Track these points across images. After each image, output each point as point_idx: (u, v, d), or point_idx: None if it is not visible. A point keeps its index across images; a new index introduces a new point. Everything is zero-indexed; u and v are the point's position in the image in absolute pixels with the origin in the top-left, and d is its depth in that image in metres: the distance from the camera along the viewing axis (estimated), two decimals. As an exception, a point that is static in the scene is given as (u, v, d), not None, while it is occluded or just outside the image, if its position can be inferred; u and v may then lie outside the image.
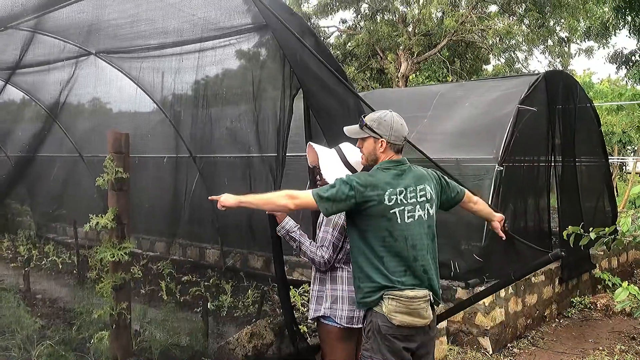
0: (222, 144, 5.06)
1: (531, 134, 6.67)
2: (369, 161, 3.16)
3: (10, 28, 3.63)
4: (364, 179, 2.98)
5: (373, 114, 3.15)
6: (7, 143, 7.24)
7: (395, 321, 2.94)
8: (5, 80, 3.86)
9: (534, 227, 6.88)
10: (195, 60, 4.26)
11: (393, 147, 3.09)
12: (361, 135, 3.13)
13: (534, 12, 18.22)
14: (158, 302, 5.70)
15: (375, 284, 2.97)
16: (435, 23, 19.39)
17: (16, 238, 8.92)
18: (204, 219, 6.91)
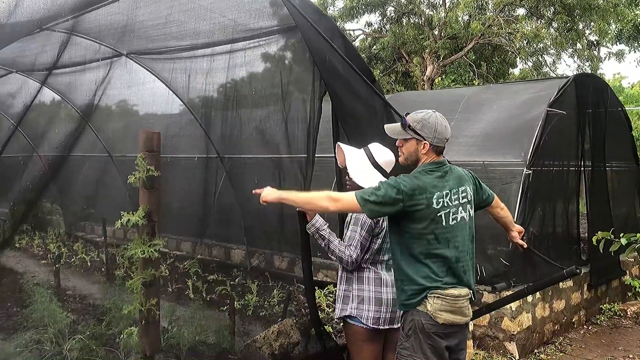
0: (251, 144, 5.11)
1: (560, 138, 6.58)
2: (408, 162, 3.12)
3: (47, 29, 3.72)
4: (411, 182, 2.93)
5: (416, 114, 3.07)
6: (40, 143, 7.43)
7: (440, 319, 2.93)
8: (42, 82, 3.96)
9: (562, 233, 6.79)
10: (225, 62, 4.31)
11: (435, 149, 3.05)
12: (403, 135, 3.08)
13: (563, 15, 17.95)
14: (185, 300, 5.77)
15: (419, 286, 2.96)
16: (462, 26, 19.22)
17: (46, 236, 9.12)
18: (230, 219, 6.98)
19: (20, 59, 4.81)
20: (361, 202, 2.86)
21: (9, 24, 2.62)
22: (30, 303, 4.41)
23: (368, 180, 3.43)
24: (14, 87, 6.02)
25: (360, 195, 2.89)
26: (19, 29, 2.76)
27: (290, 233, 4.50)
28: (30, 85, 5.16)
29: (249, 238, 6.80)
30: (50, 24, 3.06)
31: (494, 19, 18.75)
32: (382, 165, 3.48)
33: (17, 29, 2.77)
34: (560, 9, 17.93)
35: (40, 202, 7.73)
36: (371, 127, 3.98)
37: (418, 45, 20.31)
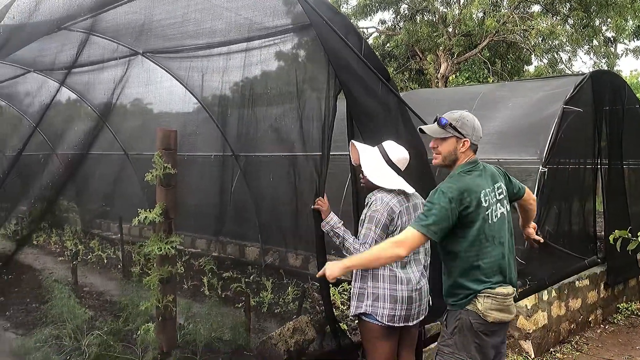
0: (266, 142, 5.14)
1: (576, 135, 6.53)
2: (447, 161, 3.09)
3: (65, 29, 3.76)
4: (456, 186, 2.92)
5: (451, 113, 3.07)
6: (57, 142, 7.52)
7: (490, 318, 2.95)
8: (61, 81, 4.02)
9: (578, 231, 6.74)
10: (241, 60, 4.34)
11: (472, 148, 3.07)
12: (442, 135, 3.05)
13: (579, 11, 17.76)
14: (200, 297, 5.82)
15: (470, 290, 2.98)
16: (476, 23, 19.08)
17: (63, 233, 9.23)
18: (244, 217, 7.02)
19: (40, 58, 4.88)
20: (424, 231, 2.83)
21: (30, 24, 2.66)
22: (49, 299, 4.49)
23: (382, 178, 3.44)
24: (32, 87, 6.10)
25: (419, 224, 2.85)
26: (39, 28, 2.80)
27: (305, 231, 4.51)
28: (49, 85, 5.23)
29: (264, 236, 6.84)
30: (68, 24, 3.10)
31: (509, 16, 18.61)
32: (396, 163, 3.49)
33: (37, 28, 2.81)
34: (577, 5, 17.74)
35: (57, 201, 7.83)
36: (386, 125, 3.98)
37: (432, 42, 20.21)
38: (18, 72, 6.03)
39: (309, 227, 3.82)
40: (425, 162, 4.26)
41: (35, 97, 5.96)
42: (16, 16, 2.57)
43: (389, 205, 3.36)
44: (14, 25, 2.60)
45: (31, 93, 6.37)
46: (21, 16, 2.61)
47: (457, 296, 3.02)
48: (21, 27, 2.66)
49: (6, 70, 5.91)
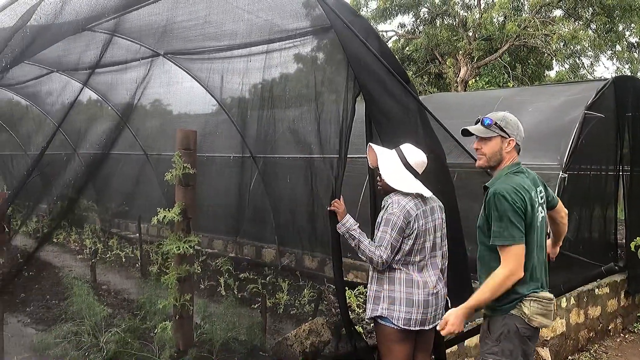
0: (284, 144, 5.16)
1: (598, 141, 6.46)
2: (491, 162, 3.06)
3: (89, 30, 3.82)
4: (512, 186, 2.87)
5: (494, 114, 3.07)
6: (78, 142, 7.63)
7: (535, 323, 2.91)
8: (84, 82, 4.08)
9: (598, 238, 6.65)
10: (262, 62, 4.36)
11: (516, 148, 3.05)
12: (486, 134, 3.03)
13: (602, 16, 17.56)
14: (217, 297, 5.85)
15: (517, 294, 2.93)
16: (497, 27, 18.96)
17: (82, 232, 9.35)
18: (261, 218, 7.05)
19: (63, 58, 4.96)
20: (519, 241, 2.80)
21: (55, 25, 2.71)
22: (68, 296, 4.55)
23: (399, 181, 3.43)
24: (55, 86, 6.20)
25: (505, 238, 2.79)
26: (63, 29, 2.85)
27: (321, 233, 4.52)
28: (71, 85, 5.32)
29: (280, 237, 6.86)
30: (92, 24, 3.14)
31: (530, 20, 18.45)
32: (413, 166, 3.48)
33: (62, 29, 2.86)
34: (600, 9, 17.54)
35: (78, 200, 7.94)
36: (404, 128, 3.97)
37: (452, 46, 20.13)
38: (42, 72, 6.13)
39: (325, 229, 3.83)
40: (444, 166, 4.24)
41: (59, 97, 6.06)
42: (42, 17, 2.62)
43: (406, 209, 3.35)
44: (39, 26, 2.66)
45: (54, 93, 6.47)
46: (47, 17, 2.66)
47: (502, 300, 2.93)
48: (47, 28, 2.71)
49: (31, 69, 6.01)
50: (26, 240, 7.13)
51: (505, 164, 3.03)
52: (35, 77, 6.52)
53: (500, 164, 3.04)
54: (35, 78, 6.54)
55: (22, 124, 9.20)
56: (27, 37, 2.54)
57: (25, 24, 2.54)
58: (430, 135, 4.12)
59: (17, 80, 6.76)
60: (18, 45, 2.59)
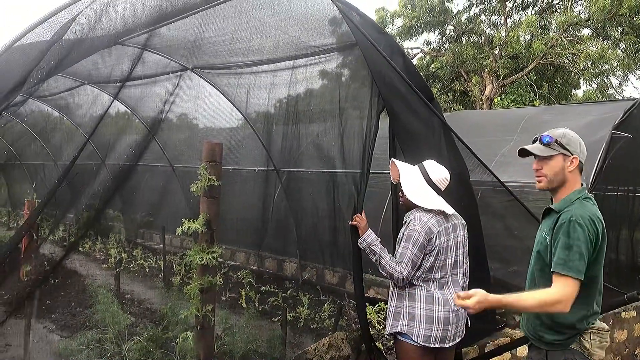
0: (308, 159, 5.21)
1: (625, 162, 6.35)
2: (554, 184, 2.82)
3: (120, 44, 3.94)
4: (587, 213, 2.66)
5: (553, 130, 2.84)
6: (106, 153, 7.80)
7: (596, 356, 2.75)
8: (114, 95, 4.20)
9: (625, 261, 6.52)
10: (287, 77, 4.44)
11: (580, 167, 2.80)
12: (546, 153, 2.80)
13: (631, 35, 17.36)
14: (238, 310, 5.88)
15: (576, 330, 2.76)
16: (523, 46, 18.89)
17: (107, 241, 9.52)
18: (284, 232, 7.08)
19: (95, 71, 5.11)
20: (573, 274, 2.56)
21: (89, 39, 2.80)
22: (92, 304, 4.63)
23: (421, 198, 3.43)
24: (86, 99, 6.36)
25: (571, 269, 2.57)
26: (96, 43, 2.94)
27: (342, 247, 4.53)
28: (102, 97, 5.46)
29: (302, 251, 6.88)
30: (124, 38, 3.24)
31: (557, 39, 18.33)
32: (436, 182, 3.48)
33: (95, 43, 2.96)
34: (629, 29, 17.35)
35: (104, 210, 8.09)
36: (428, 145, 3.98)
37: (477, 64, 20.09)
38: (74, 84, 6.30)
39: (346, 243, 3.84)
40: (467, 184, 4.23)
41: (89, 109, 6.22)
42: (77, 31, 2.72)
43: (427, 225, 3.35)
44: (75, 39, 2.75)
45: (85, 105, 6.64)
46: (82, 31, 2.75)
47: (564, 334, 2.76)
48: (81, 41, 2.80)
49: (64, 82, 6.19)
50: (54, 248, 7.27)
51: (571, 185, 2.80)
52: (67, 89, 6.72)
53: (564, 186, 2.80)
54: (67, 90, 6.73)
55: (54, 134, 9.45)
56: (62, 50, 2.63)
57: (61, 38, 2.64)
58: (454, 152, 4.12)
59: (50, 92, 6.97)
60: (54, 57, 2.68)
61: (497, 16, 21.06)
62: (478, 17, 21.03)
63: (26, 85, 2.51)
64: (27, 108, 7.96)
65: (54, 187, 4.21)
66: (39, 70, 2.58)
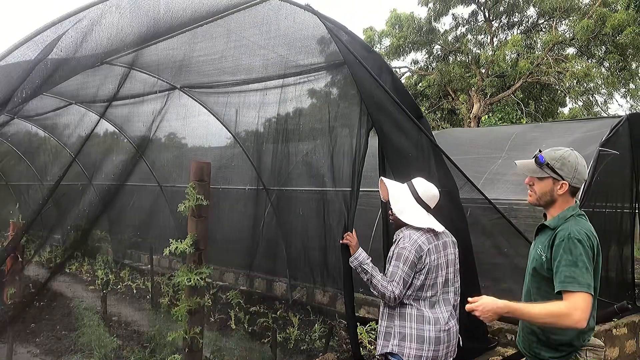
0: (297, 177, 5.18)
1: (613, 179, 6.39)
2: (541, 202, 2.86)
3: (107, 63, 3.91)
4: (583, 229, 2.68)
5: (553, 151, 2.84)
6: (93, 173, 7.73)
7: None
8: (101, 114, 4.16)
9: (615, 277, 6.52)
10: (276, 96, 4.44)
11: (571, 190, 2.79)
12: (538, 174, 2.83)
13: (615, 54, 17.65)
14: (227, 331, 5.79)
15: (573, 348, 2.76)
16: (509, 65, 19.13)
17: (95, 262, 9.38)
18: (273, 251, 7.03)
19: (82, 91, 5.07)
20: (586, 289, 2.54)
21: (75, 58, 2.77)
22: (78, 327, 4.53)
23: (410, 216, 3.41)
24: (72, 119, 6.31)
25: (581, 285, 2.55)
26: (83, 62, 2.92)
27: (333, 267, 4.49)
28: (89, 117, 5.42)
29: (292, 271, 6.82)
30: (112, 58, 3.22)
31: (543, 58, 18.58)
32: (425, 200, 3.45)
33: (82, 62, 2.93)
34: (612, 48, 17.64)
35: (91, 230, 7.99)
36: (417, 163, 3.98)
37: (464, 83, 20.30)
38: (60, 104, 6.25)
39: (337, 263, 3.81)
40: (457, 201, 4.23)
41: (76, 129, 6.17)
42: (64, 49, 2.69)
43: (417, 243, 3.32)
44: (60, 58, 2.72)
45: (71, 124, 6.59)
46: (68, 50, 2.73)
47: (561, 352, 2.75)
48: (67, 61, 2.78)
49: (50, 102, 6.14)
50: (39, 270, 7.15)
51: (562, 204, 2.81)
52: (54, 109, 6.66)
53: (554, 204, 2.82)
54: (54, 110, 6.68)
55: (39, 154, 9.35)
56: (47, 69, 2.60)
57: (47, 57, 2.61)
58: (443, 170, 4.12)
59: (37, 112, 6.91)
60: (38, 77, 2.65)
61: (484, 35, 21.36)
62: (465, 37, 21.30)
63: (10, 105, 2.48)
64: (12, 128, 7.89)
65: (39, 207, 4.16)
66: (24, 89, 2.55)
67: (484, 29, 21.05)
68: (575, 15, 18.76)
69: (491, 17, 20.84)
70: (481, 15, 21.03)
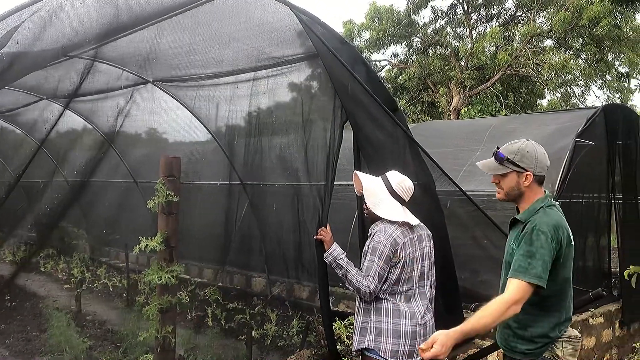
0: (272, 171, 5.11)
1: (589, 169, 6.42)
2: (509, 197, 2.87)
3: (75, 57, 3.79)
4: (551, 222, 2.67)
5: (510, 145, 2.84)
6: (67, 168, 7.55)
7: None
8: (64, 105, 4.03)
9: (592, 267, 6.57)
10: (248, 89, 4.34)
11: (538, 180, 2.81)
12: (500, 171, 2.83)
13: (592, 46, 17.80)
14: (204, 328, 5.71)
15: (549, 339, 2.74)
16: (489, 57, 19.20)
17: (71, 260, 9.21)
18: (251, 247, 6.95)
19: (46, 85, 4.92)
20: (536, 281, 2.55)
21: (33, 52, 2.66)
22: (48, 327, 4.42)
23: (385, 210, 3.36)
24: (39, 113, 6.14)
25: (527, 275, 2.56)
26: (42, 56, 2.81)
27: (308, 262, 4.44)
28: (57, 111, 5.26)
29: (270, 266, 6.75)
30: (74, 52, 3.11)
31: (521, 50, 18.69)
32: (399, 193, 3.41)
33: (42, 55, 2.82)
34: (589, 40, 17.80)
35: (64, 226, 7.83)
36: (392, 156, 3.93)
37: (444, 75, 20.34)
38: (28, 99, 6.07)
39: (312, 258, 3.75)
40: (433, 194, 4.19)
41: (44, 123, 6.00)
42: (20, 42, 2.58)
43: (392, 237, 3.28)
44: (17, 52, 2.61)
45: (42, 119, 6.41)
46: (25, 42, 2.62)
47: (536, 344, 2.74)
48: (25, 54, 2.66)
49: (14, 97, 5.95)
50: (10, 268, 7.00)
51: (531, 196, 2.82)
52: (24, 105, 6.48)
53: (523, 198, 2.83)
54: (25, 106, 6.49)
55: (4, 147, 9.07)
56: (2, 62, 2.49)
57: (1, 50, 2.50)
58: (419, 163, 4.08)
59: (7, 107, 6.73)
60: (-5, 71, 2.54)
61: (463, 28, 21.41)
62: (444, 29, 21.33)
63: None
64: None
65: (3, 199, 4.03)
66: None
67: (462, 21, 21.11)
68: (553, 7, 18.88)
69: (470, 10, 20.89)
70: (460, 7, 21.07)
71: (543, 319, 2.72)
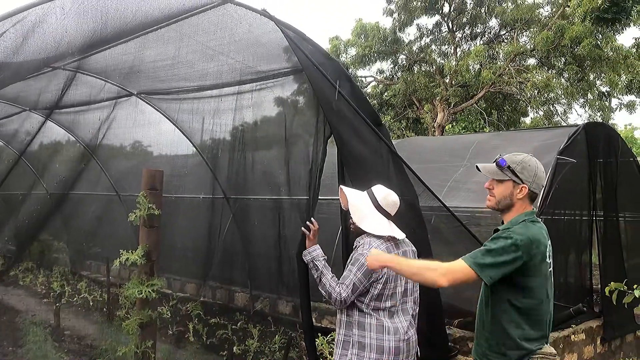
0: (255, 185, 5.09)
1: (571, 187, 6.47)
2: (500, 206, 2.88)
3: (58, 68, 3.77)
4: (527, 234, 2.68)
5: (514, 156, 2.88)
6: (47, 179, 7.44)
7: None
8: (46, 116, 3.99)
9: (574, 284, 6.60)
10: (232, 103, 4.34)
11: (530, 196, 2.83)
12: (498, 176, 2.85)
13: (574, 65, 18.09)
14: (185, 344, 5.63)
15: (525, 350, 2.73)
16: (473, 75, 19.42)
17: (51, 274, 9.06)
18: (234, 261, 6.90)
19: (30, 96, 4.87)
20: (476, 269, 2.59)
21: (14, 63, 2.63)
22: (25, 343, 4.33)
23: (370, 224, 3.36)
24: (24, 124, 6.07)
25: (472, 261, 2.62)
26: (24, 67, 2.78)
27: (291, 277, 4.40)
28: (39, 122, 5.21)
29: (253, 281, 6.69)
30: (56, 63, 3.08)
31: (505, 68, 18.93)
32: (385, 207, 3.41)
33: (23, 67, 2.79)
34: (571, 59, 18.08)
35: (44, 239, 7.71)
36: (376, 171, 3.93)
37: (429, 92, 20.51)
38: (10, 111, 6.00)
39: (294, 272, 3.72)
40: (417, 210, 4.19)
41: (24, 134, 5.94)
42: (1, 52, 2.55)
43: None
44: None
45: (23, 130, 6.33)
46: (7, 52, 2.59)
47: (509, 357, 2.75)
48: (6, 65, 2.64)
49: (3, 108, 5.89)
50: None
51: (518, 210, 2.83)
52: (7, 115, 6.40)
53: (511, 210, 2.85)
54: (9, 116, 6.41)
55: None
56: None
57: (-19, 59, 2.47)
58: (403, 178, 4.09)
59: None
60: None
61: (447, 46, 21.65)
62: (429, 47, 21.56)
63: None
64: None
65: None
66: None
67: (447, 39, 21.36)
68: (536, 26, 19.18)
69: (454, 28, 21.16)
70: (445, 26, 21.33)
71: (514, 328, 2.73)
